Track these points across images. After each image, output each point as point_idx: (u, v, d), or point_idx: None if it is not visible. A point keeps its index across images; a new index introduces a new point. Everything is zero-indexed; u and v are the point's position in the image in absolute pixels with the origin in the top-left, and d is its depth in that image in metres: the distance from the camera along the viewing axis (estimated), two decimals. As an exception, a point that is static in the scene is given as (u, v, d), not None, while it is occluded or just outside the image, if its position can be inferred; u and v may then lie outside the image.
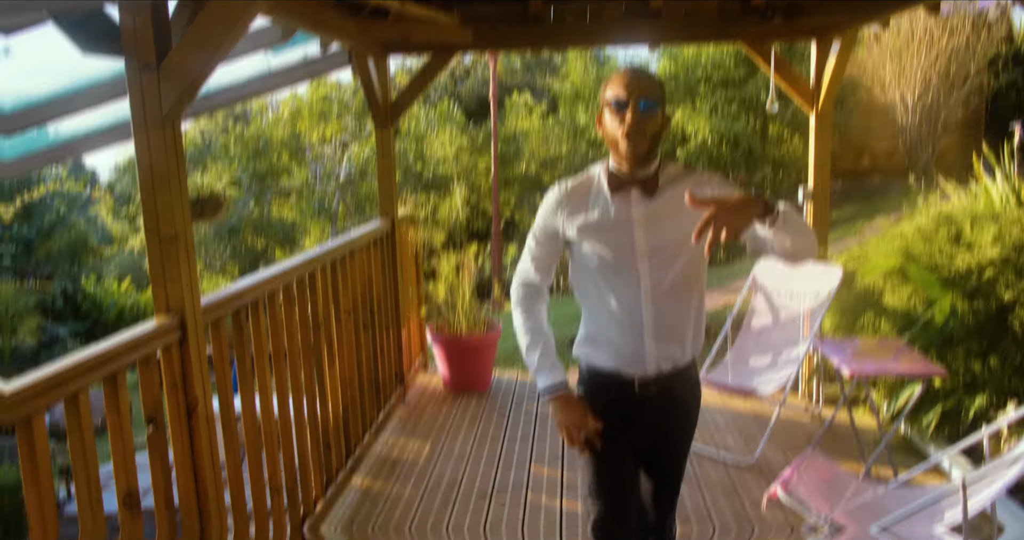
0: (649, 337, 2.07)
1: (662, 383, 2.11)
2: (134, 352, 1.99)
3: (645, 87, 1.94)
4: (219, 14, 2.08)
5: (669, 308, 2.07)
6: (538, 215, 2.17)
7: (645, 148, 1.96)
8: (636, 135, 1.92)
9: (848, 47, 4.08)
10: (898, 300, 3.94)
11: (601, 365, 2.14)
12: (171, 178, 2.13)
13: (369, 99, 4.39)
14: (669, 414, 2.16)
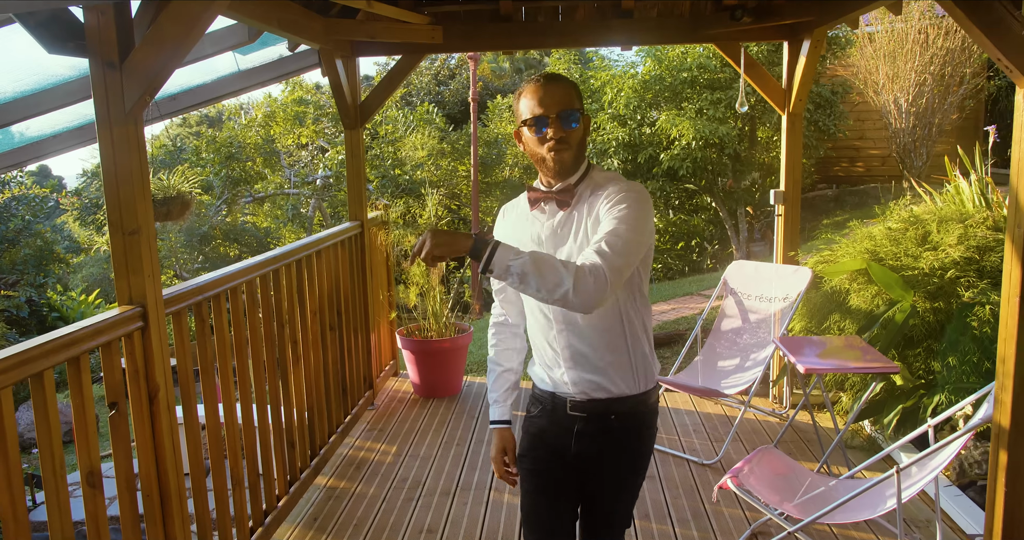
0: (566, 364, 2.06)
1: (596, 409, 2.06)
2: (97, 337, 2.20)
3: (562, 98, 1.92)
4: (180, 13, 2.31)
5: (584, 335, 2.02)
6: None
7: (572, 158, 1.95)
8: (562, 149, 1.92)
9: (817, 47, 4.34)
10: (863, 301, 4.18)
11: (538, 385, 2.18)
12: (134, 174, 2.35)
13: (338, 100, 4.62)
14: (602, 445, 2.09)
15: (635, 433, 2.12)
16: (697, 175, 9.68)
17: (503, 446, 2.20)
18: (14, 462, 1.83)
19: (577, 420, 2.08)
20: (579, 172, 2.01)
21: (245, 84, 4.80)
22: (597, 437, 2.09)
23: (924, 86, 11.43)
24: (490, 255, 1.73)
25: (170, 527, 2.51)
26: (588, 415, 2.07)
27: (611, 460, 2.11)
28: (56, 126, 4.61)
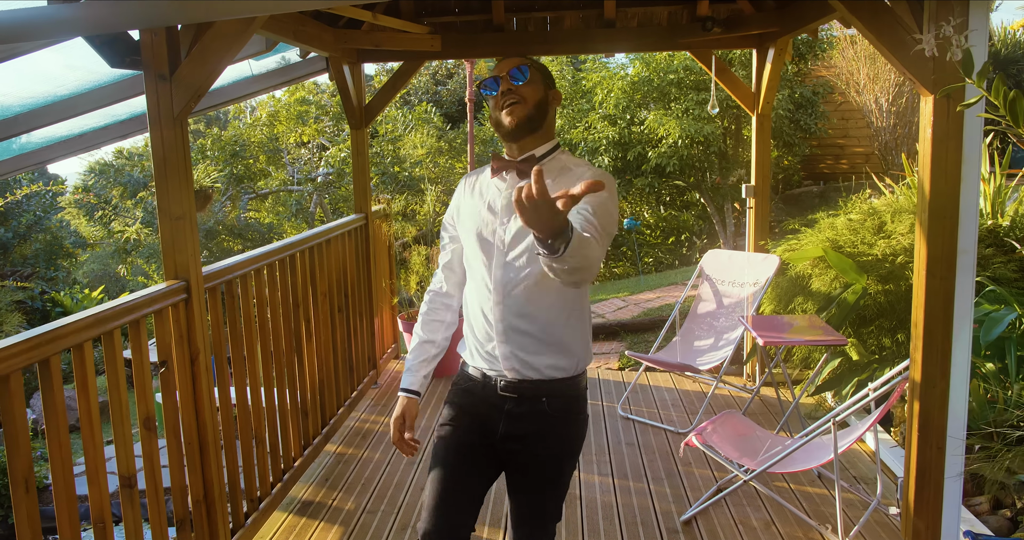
0: (499, 338, 2.02)
1: (527, 391, 2.03)
2: (152, 304, 2.62)
3: (513, 61, 1.99)
4: (221, 33, 2.73)
5: (523, 311, 1.99)
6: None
7: (525, 113, 1.94)
8: (513, 101, 1.93)
9: (781, 54, 4.76)
10: (823, 284, 4.61)
11: (468, 362, 2.15)
12: (179, 167, 2.78)
13: (345, 102, 5.05)
14: (532, 427, 2.04)
15: (567, 417, 2.08)
16: (685, 172, 10.11)
17: (403, 413, 2.16)
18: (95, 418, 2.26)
19: (508, 400, 2.05)
20: (545, 146, 2.01)
21: (258, 87, 5.21)
22: (527, 418, 2.03)
23: (903, 86, 11.87)
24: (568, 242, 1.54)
25: (207, 472, 2.93)
26: (519, 396, 2.04)
27: (540, 443, 2.06)
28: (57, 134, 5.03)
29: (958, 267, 2.64)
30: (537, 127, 1.98)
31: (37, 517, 1.96)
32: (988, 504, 3.56)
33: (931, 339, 2.69)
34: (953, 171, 2.57)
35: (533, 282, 1.97)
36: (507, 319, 2.00)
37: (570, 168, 2.01)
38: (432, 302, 2.26)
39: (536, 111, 1.97)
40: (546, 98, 2.01)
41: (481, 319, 2.05)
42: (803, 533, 3.38)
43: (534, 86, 1.98)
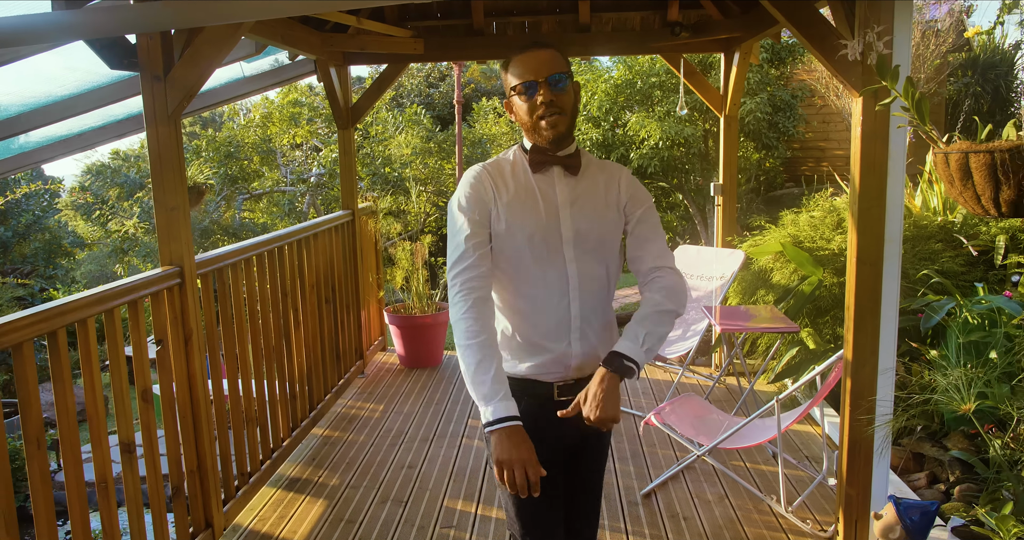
0: (575, 335, 1.98)
1: (579, 388, 1.96)
2: (149, 287, 2.84)
3: (552, 63, 1.90)
4: (210, 37, 2.95)
5: (594, 302, 2.00)
6: (462, 195, 1.98)
7: (566, 126, 1.94)
8: (554, 113, 1.90)
9: (746, 58, 5.01)
10: (783, 277, 4.86)
11: (513, 371, 2.00)
12: (174, 162, 3.00)
13: (332, 103, 5.27)
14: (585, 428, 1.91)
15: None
16: (667, 174, 10.34)
17: (531, 447, 1.81)
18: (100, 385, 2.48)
19: (562, 405, 1.95)
20: (574, 144, 2.03)
21: (249, 89, 5.44)
22: (579, 420, 1.87)
23: (881, 90, 12.11)
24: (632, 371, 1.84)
25: (200, 443, 3.16)
26: (571, 397, 1.98)
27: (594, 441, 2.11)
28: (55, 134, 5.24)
29: (885, 255, 2.88)
30: (572, 134, 2.00)
31: (48, 472, 2.19)
32: (926, 479, 3.80)
33: (862, 321, 2.92)
34: (880, 167, 2.81)
35: (603, 272, 2.02)
36: (585, 312, 1.99)
37: (608, 169, 2.09)
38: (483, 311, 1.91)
39: (572, 119, 1.97)
40: (577, 100, 2.00)
41: (550, 317, 1.97)
42: (753, 505, 3.62)
43: (570, 94, 1.95)
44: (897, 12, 2.68)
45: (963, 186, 2.17)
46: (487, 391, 1.82)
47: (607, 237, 2.02)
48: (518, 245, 1.96)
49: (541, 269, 1.96)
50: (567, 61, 1.97)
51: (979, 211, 2.19)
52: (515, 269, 1.98)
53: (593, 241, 1.99)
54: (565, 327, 1.98)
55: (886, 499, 2.90)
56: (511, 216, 1.96)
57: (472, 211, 1.96)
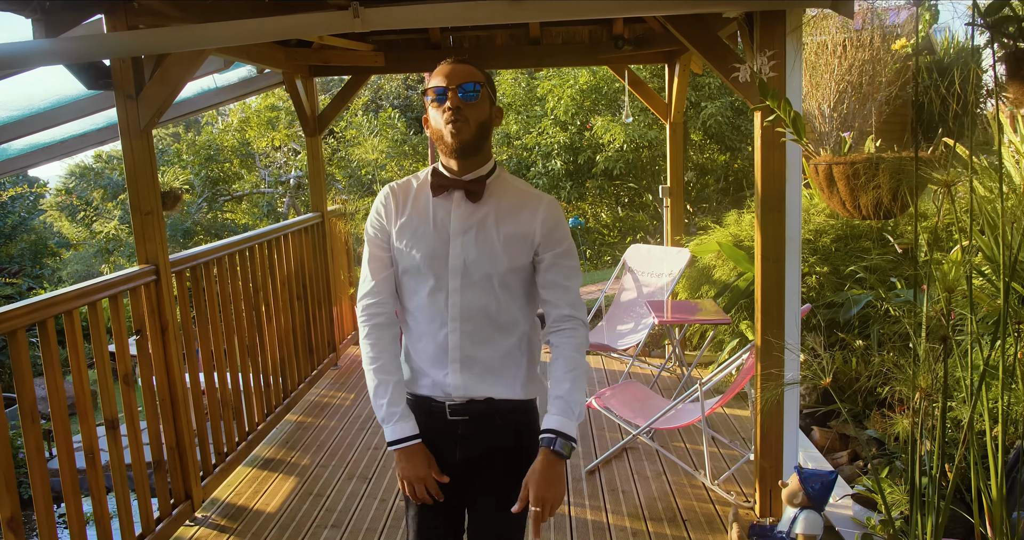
0: (454, 367, 1.95)
1: (478, 410, 1.97)
2: (127, 283, 3.15)
3: (467, 73, 1.87)
4: (177, 59, 3.26)
5: (483, 336, 1.95)
6: (371, 215, 2.01)
7: (471, 135, 1.87)
8: (459, 119, 1.85)
9: (685, 70, 5.35)
10: (723, 273, 5.21)
11: (411, 388, 2.04)
12: (147, 171, 3.31)
13: (299, 113, 5.58)
14: (489, 446, 1.99)
15: (523, 432, 2.03)
16: (634, 175, 10.72)
17: (428, 461, 1.96)
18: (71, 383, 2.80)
19: (459, 424, 1.98)
20: (487, 165, 1.96)
21: (221, 99, 5.74)
22: (482, 438, 1.98)
23: (844, 93, 12.55)
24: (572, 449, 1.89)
25: (178, 423, 3.47)
26: (470, 417, 1.98)
27: (499, 460, 2.01)
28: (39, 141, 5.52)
29: (787, 252, 3.22)
30: (480, 149, 1.92)
31: (42, 443, 2.51)
32: (847, 457, 4.15)
33: (768, 311, 3.27)
34: (779, 173, 3.15)
35: (493, 309, 1.94)
36: (464, 346, 1.94)
37: (522, 198, 1.98)
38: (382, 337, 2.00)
39: (479, 132, 1.90)
40: (490, 117, 1.94)
41: (431, 346, 1.96)
42: (687, 481, 3.96)
43: (482, 105, 1.90)
44: (788, 39, 3.03)
45: (831, 192, 2.52)
46: (383, 415, 1.93)
47: (498, 270, 1.92)
48: (408, 268, 1.96)
49: (427, 295, 1.94)
50: (488, 80, 1.94)
51: (847, 214, 2.54)
52: (407, 290, 1.99)
53: (481, 273, 1.91)
54: (443, 357, 1.95)
55: (793, 469, 3.25)
56: (402, 239, 1.95)
57: (375, 234, 2.00)
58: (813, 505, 3.09)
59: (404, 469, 1.94)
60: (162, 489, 3.41)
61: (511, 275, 1.94)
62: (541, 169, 11.28)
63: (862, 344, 4.71)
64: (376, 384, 1.94)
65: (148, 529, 3.28)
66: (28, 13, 2.78)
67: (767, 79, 2.90)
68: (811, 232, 5.09)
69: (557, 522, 3.55)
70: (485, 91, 1.90)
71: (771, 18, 2.97)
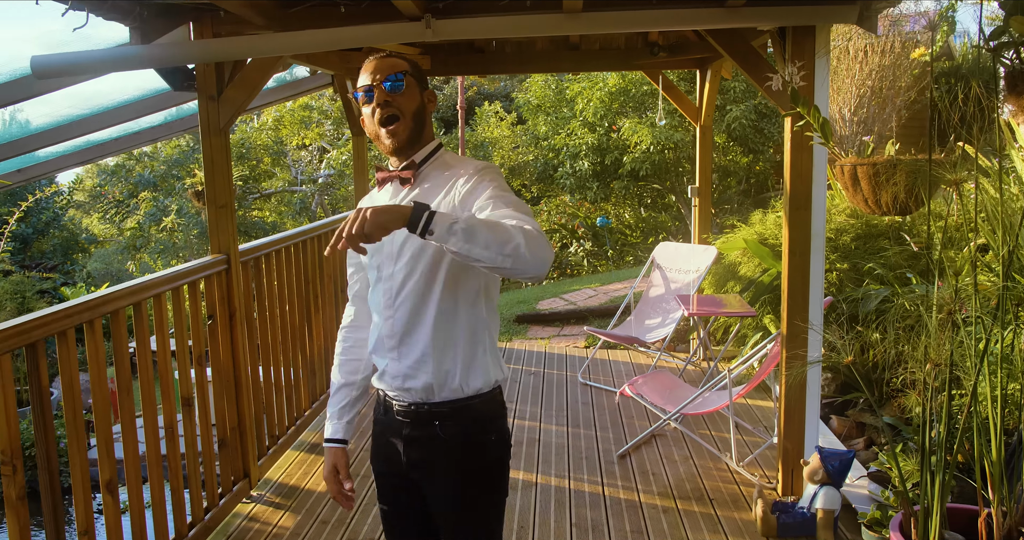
0: (392, 355, 1.91)
1: (419, 413, 1.91)
2: (203, 271, 3.48)
3: (389, 66, 1.84)
4: (256, 64, 3.58)
5: (416, 320, 1.86)
6: None
7: (407, 132, 1.86)
8: (391, 115, 1.83)
9: (716, 75, 5.64)
10: (748, 270, 5.49)
11: (375, 384, 2.02)
12: (223, 167, 3.63)
13: (348, 113, 5.91)
14: (431, 455, 1.91)
15: (466, 444, 1.91)
16: (661, 176, 10.99)
17: (334, 465, 2.05)
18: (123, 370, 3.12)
19: (404, 425, 1.93)
20: (425, 150, 1.92)
21: (273, 98, 6.08)
22: (425, 444, 1.91)
23: (864, 98, 12.76)
24: (429, 217, 1.53)
25: (241, 403, 3.79)
26: (412, 420, 1.92)
27: (443, 472, 1.92)
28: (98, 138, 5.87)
29: (812, 247, 3.51)
30: (417, 140, 1.90)
31: (84, 434, 2.82)
32: (863, 443, 4.42)
33: (794, 299, 3.55)
34: (806, 174, 3.43)
35: (417, 294, 1.85)
36: (398, 332, 1.89)
37: (453, 166, 1.91)
38: (346, 340, 2.10)
39: (415, 123, 1.87)
40: (423, 104, 1.90)
41: (375, 335, 1.95)
42: (713, 464, 4.24)
43: (411, 94, 1.86)
44: (818, 51, 3.31)
45: (854, 191, 2.80)
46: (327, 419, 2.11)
47: (428, 251, 1.82)
48: (364, 265, 2.00)
49: (374, 287, 1.94)
50: (415, 68, 1.90)
51: (868, 210, 2.82)
52: (369, 290, 2.00)
53: (411, 255, 1.84)
54: (383, 344, 1.92)
55: (814, 449, 3.53)
56: None
57: None
58: (832, 481, 3.37)
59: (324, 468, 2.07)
60: (224, 466, 3.73)
61: (441, 253, 1.81)
62: (569, 170, 11.57)
63: (879, 336, 4.97)
64: (332, 395, 2.12)
65: (212, 503, 3.60)
66: (128, 22, 3.11)
67: (798, 88, 3.18)
68: (832, 231, 5.35)
69: (592, 500, 3.84)
70: (411, 79, 1.86)
71: (802, 32, 3.25)
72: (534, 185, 14.75)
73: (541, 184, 14.32)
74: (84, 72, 3.20)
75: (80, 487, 2.49)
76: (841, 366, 3.09)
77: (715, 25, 3.16)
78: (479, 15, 2.97)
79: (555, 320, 7.81)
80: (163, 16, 3.28)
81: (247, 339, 3.90)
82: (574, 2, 2.96)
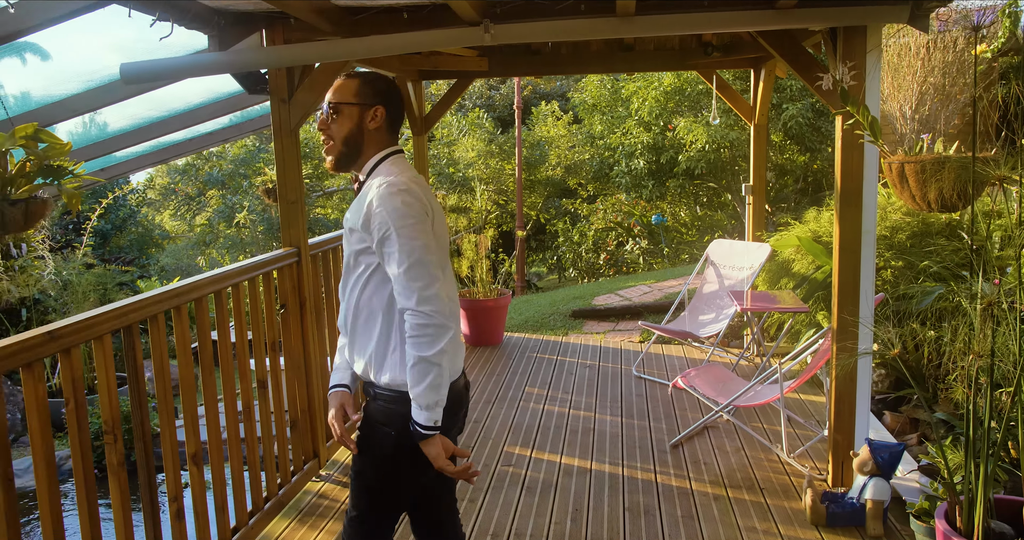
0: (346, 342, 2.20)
1: (366, 390, 2.18)
2: (276, 263, 3.67)
3: (334, 91, 2.05)
4: (325, 68, 3.77)
5: (351, 324, 2.12)
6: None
7: (336, 154, 2.05)
8: (326, 140, 2.05)
9: (771, 75, 5.67)
10: (802, 266, 5.51)
11: None
12: (294, 165, 3.83)
13: (408, 114, 6.09)
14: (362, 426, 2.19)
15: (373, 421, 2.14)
16: (716, 175, 10.97)
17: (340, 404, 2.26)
18: (246, 323, 3.32)
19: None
20: (368, 166, 2.09)
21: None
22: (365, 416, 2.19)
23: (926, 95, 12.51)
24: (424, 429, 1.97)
25: (311, 388, 3.99)
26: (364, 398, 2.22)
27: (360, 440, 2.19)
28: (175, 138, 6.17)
29: (863, 243, 3.55)
30: (354, 160, 2.08)
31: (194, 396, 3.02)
32: (916, 439, 4.43)
33: (844, 293, 3.59)
34: (857, 171, 3.48)
35: (349, 293, 2.11)
36: (346, 324, 2.15)
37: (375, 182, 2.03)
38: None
39: (347, 147, 2.05)
40: (359, 127, 2.05)
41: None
42: (764, 455, 4.30)
43: (343, 122, 2.04)
44: (869, 50, 3.36)
45: (902, 188, 2.85)
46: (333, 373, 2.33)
47: (348, 260, 2.09)
48: None
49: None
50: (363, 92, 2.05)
51: (916, 207, 2.86)
52: None
53: (345, 263, 2.12)
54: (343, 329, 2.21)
55: (864, 442, 3.58)
56: None
57: None
58: (882, 473, 3.42)
59: None
60: (296, 447, 3.92)
61: (354, 262, 2.06)
62: (624, 168, 11.61)
63: (934, 334, 4.95)
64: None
65: (285, 480, 3.80)
66: (208, 30, 3.32)
67: (848, 87, 3.24)
68: (887, 229, 5.34)
69: (644, 486, 3.94)
70: (345, 108, 2.03)
71: (853, 32, 3.30)
72: (590, 184, 14.83)
73: (597, 183, 14.38)
74: (168, 77, 3.42)
75: (170, 458, 2.69)
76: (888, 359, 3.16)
77: (766, 27, 3.23)
78: (535, 20, 3.10)
79: (610, 315, 7.91)
80: (239, 24, 3.48)
81: (316, 327, 4.10)
82: (627, 6, 3.07)
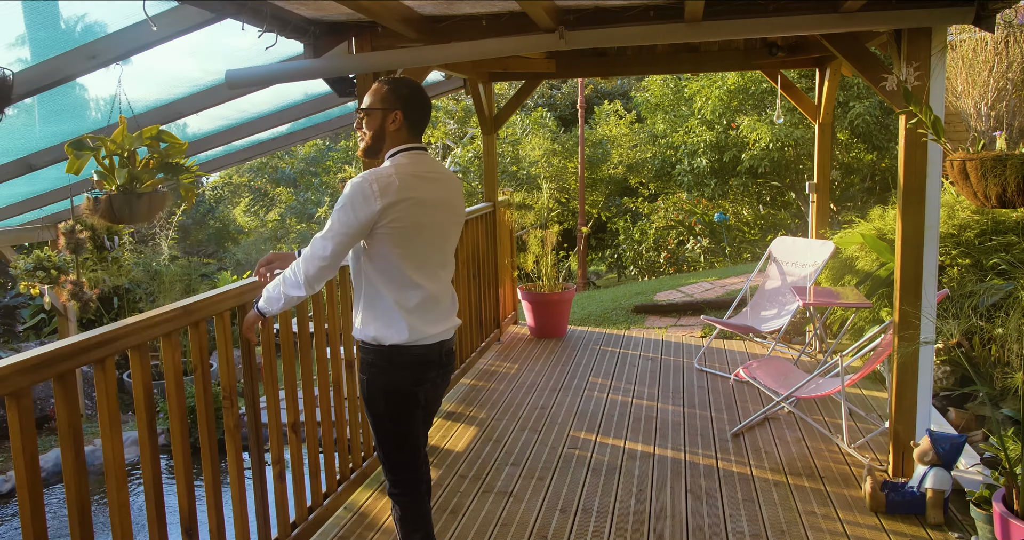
0: None
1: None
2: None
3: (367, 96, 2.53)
4: (407, 74, 4.01)
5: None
6: None
7: (366, 145, 2.52)
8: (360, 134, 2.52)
9: (835, 75, 5.72)
10: (865, 264, 5.56)
11: None
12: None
13: (479, 113, 6.31)
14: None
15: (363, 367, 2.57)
16: (780, 173, 10.95)
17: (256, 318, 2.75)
18: (335, 309, 3.57)
19: None
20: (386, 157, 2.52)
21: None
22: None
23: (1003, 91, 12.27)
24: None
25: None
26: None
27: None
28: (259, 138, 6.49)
29: (925, 239, 3.63)
30: (376, 153, 2.54)
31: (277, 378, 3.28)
32: (981, 436, 4.47)
33: (906, 287, 3.68)
34: (920, 169, 3.57)
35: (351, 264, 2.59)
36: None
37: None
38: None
39: (374, 142, 2.51)
40: (383, 125, 2.48)
41: None
42: (824, 446, 4.40)
43: (369, 123, 2.49)
44: (933, 50, 3.45)
45: (964, 184, 2.94)
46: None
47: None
48: None
49: None
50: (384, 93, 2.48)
51: (977, 203, 2.95)
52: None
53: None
54: None
55: (925, 433, 3.67)
56: None
57: None
58: (943, 463, 3.51)
59: None
60: (373, 427, 4.18)
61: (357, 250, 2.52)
62: (686, 167, 11.67)
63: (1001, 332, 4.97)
64: None
65: (368, 453, 4.06)
66: (304, 39, 3.58)
67: (912, 87, 3.34)
68: (955, 227, 5.37)
69: (706, 471, 4.09)
70: (372, 111, 2.48)
71: (917, 34, 3.39)
72: (651, 182, 14.89)
73: (658, 181, 14.44)
74: (268, 82, 3.69)
75: (274, 424, 2.95)
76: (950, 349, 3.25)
77: (831, 30, 3.35)
78: (607, 26, 3.27)
79: (672, 311, 8.02)
80: (331, 33, 3.73)
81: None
82: (695, 12, 3.22)
